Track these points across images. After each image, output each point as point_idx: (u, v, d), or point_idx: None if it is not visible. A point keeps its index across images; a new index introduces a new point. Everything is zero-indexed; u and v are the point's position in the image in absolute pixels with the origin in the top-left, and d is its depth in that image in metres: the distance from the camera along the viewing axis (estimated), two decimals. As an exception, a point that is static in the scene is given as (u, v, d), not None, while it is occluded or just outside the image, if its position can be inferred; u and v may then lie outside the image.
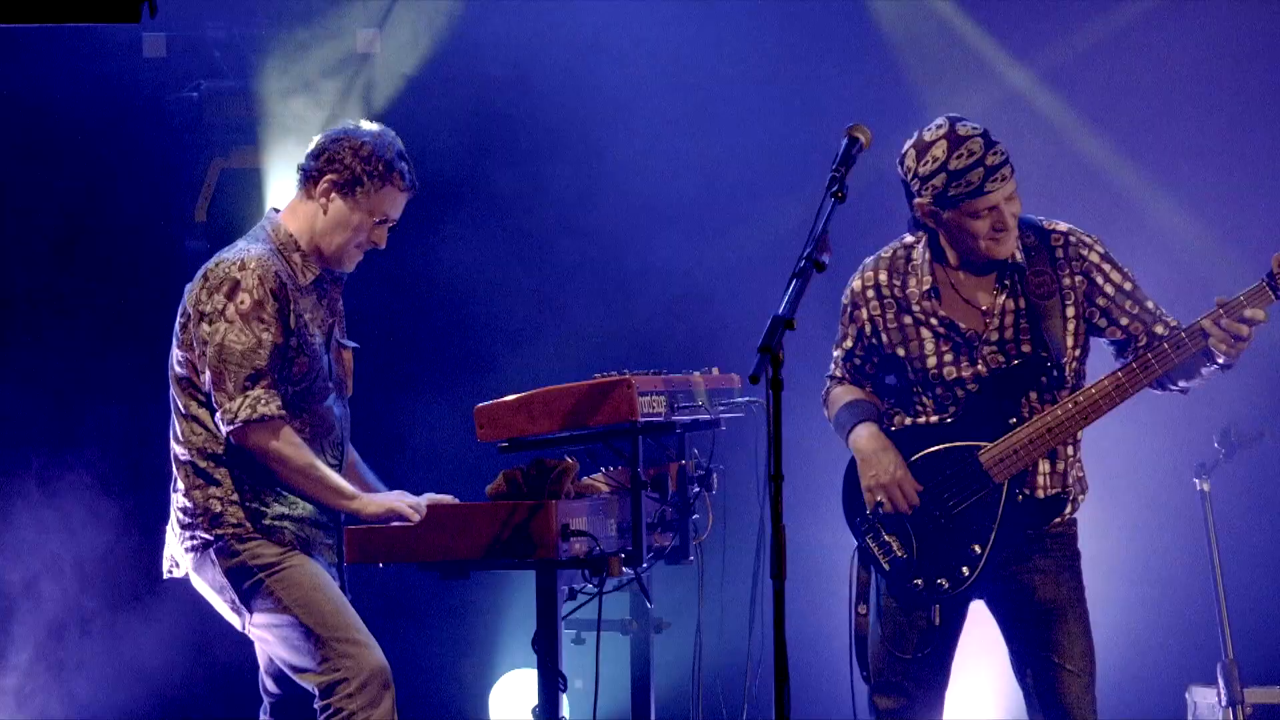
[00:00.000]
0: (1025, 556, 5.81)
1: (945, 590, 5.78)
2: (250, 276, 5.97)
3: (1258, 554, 8.33)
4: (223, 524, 5.99)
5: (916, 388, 5.90)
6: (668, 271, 8.88)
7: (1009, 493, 5.75)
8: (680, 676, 6.77)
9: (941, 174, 5.72)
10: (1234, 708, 7.62)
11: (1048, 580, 5.81)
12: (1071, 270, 5.81)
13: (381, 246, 6.24)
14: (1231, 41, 8.55)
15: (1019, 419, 5.76)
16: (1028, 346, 5.78)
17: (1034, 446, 5.74)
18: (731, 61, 8.85)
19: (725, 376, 6.52)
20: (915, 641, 5.86)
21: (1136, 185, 8.65)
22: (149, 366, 6.19)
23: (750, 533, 6.18)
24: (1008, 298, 5.81)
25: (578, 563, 5.84)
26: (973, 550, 5.76)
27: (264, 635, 6.04)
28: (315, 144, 6.21)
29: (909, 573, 5.81)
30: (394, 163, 6.15)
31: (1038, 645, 5.80)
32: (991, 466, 5.75)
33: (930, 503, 5.80)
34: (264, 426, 5.92)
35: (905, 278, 5.92)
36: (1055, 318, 5.78)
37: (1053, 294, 5.78)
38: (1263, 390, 8.14)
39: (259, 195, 8.54)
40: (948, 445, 5.81)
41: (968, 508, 5.77)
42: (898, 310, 5.91)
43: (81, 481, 8.68)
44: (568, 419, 5.91)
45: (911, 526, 5.81)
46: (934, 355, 5.85)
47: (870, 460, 5.84)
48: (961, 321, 5.83)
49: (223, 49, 8.72)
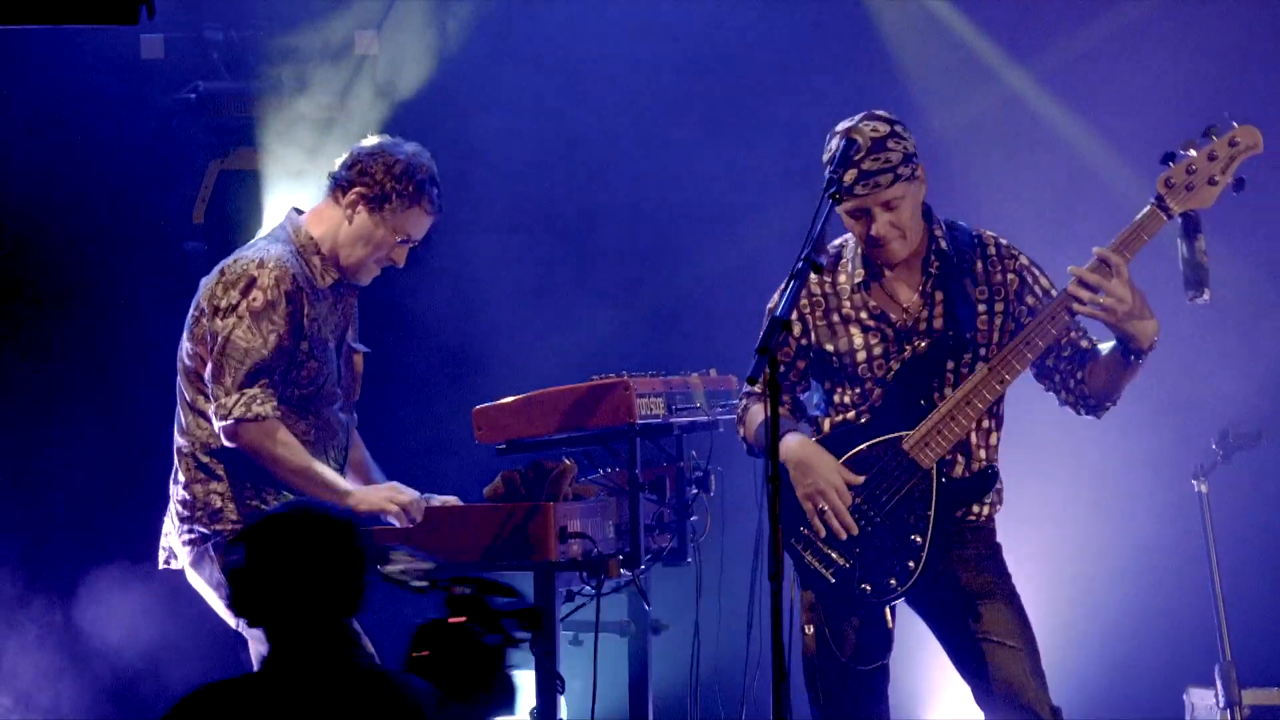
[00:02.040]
0: (944, 550, 5.71)
1: (895, 589, 5.67)
2: (267, 275, 5.98)
3: (1256, 555, 8.32)
4: (222, 519, 6.00)
5: (841, 385, 5.80)
6: (666, 273, 8.88)
7: (938, 476, 5.67)
8: (678, 678, 6.77)
9: (827, 165, 5.61)
10: (1231, 709, 7.61)
11: (969, 568, 5.73)
12: (1004, 268, 5.77)
13: (400, 265, 6.24)
14: (1229, 44, 8.54)
15: (935, 400, 5.68)
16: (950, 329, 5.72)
17: (954, 421, 5.64)
18: (729, 63, 8.84)
19: (723, 378, 6.52)
20: (874, 650, 5.76)
21: (1132, 187, 8.65)
22: (147, 366, 6.19)
23: (748, 534, 6.17)
24: (932, 288, 5.75)
25: (576, 564, 5.85)
26: (914, 541, 5.66)
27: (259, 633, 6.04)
28: (350, 154, 6.22)
29: (855, 579, 5.70)
30: (424, 185, 6.16)
31: (971, 629, 5.69)
32: (916, 452, 5.66)
33: (865, 503, 5.69)
34: (257, 425, 5.92)
35: (835, 274, 5.83)
36: (967, 295, 5.70)
37: (967, 274, 5.73)
38: (1260, 392, 8.14)
39: (257, 197, 8.53)
40: (871, 442, 5.70)
41: (901, 499, 5.67)
42: (826, 309, 5.82)
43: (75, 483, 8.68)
44: (566, 421, 5.92)
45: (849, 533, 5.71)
46: (863, 349, 5.75)
47: (804, 467, 5.69)
48: (891, 313, 5.77)
49: (221, 50, 8.71)
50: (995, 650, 5.67)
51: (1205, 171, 5.57)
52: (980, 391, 5.65)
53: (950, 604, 5.74)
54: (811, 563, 5.77)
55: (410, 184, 6.13)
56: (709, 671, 6.60)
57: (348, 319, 6.26)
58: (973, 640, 5.70)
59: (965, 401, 5.65)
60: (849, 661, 5.74)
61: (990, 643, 5.67)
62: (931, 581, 5.71)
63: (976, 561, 5.75)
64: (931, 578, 5.70)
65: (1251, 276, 8.42)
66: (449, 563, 5.86)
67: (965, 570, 5.74)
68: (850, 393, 5.79)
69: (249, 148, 8.68)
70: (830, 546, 5.74)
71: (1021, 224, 7.23)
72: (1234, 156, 5.59)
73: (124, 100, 8.75)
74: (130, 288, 8.64)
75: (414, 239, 6.21)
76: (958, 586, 5.73)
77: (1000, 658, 5.66)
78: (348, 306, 6.26)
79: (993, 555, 5.80)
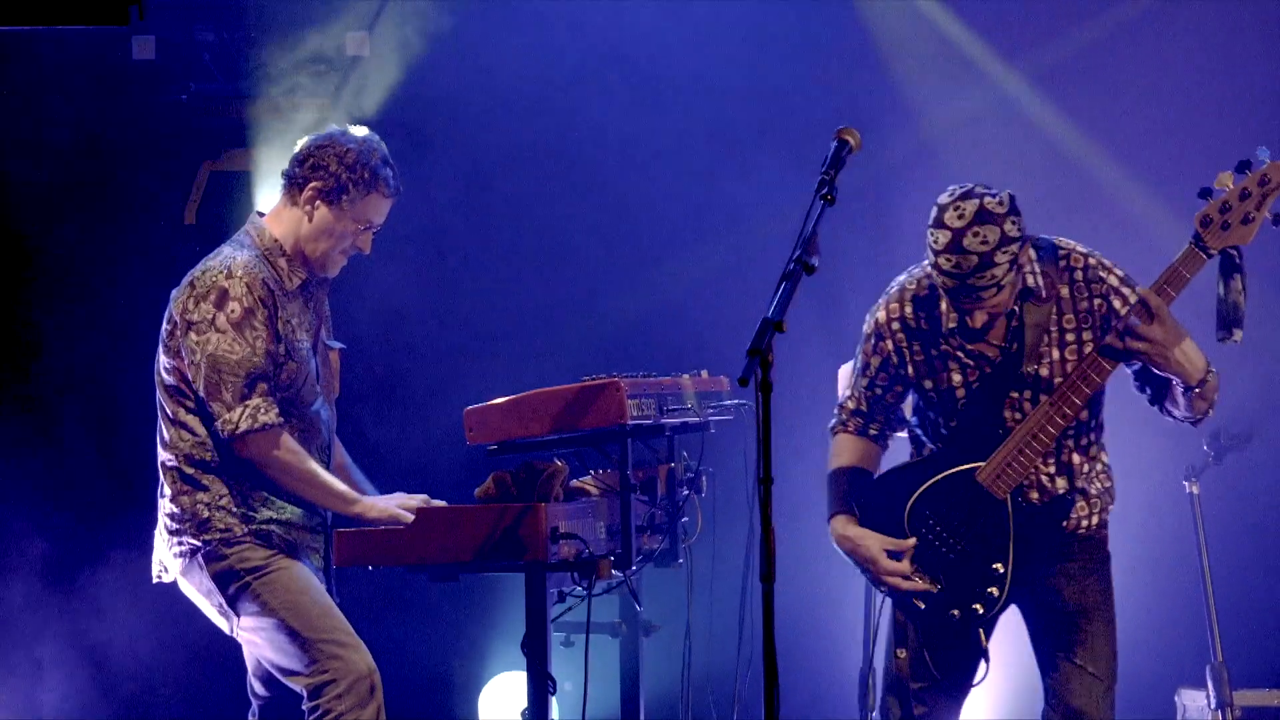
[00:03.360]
0: (1052, 561, 5.78)
1: (981, 615, 5.75)
2: (238, 285, 5.96)
3: (1247, 556, 8.33)
4: (210, 529, 6.00)
5: (940, 417, 5.85)
6: (657, 274, 8.88)
7: (1013, 505, 5.72)
8: (669, 679, 6.77)
9: (935, 265, 5.60)
10: (1223, 710, 7.62)
11: (1073, 584, 5.79)
12: (1091, 293, 5.71)
13: (366, 252, 6.24)
14: (1222, 43, 8.56)
15: (1005, 430, 5.71)
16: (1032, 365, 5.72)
17: (1023, 455, 5.68)
18: (720, 65, 8.85)
19: (714, 379, 6.52)
20: (966, 670, 5.84)
21: (1126, 187, 8.66)
22: (139, 369, 6.18)
23: (739, 535, 6.18)
24: (1018, 323, 5.73)
25: (567, 565, 5.84)
26: (995, 570, 5.73)
27: (252, 638, 6.05)
28: (300, 150, 6.19)
29: (945, 605, 5.77)
30: (379, 169, 6.14)
31: (1062, 648, 5.78)
32: (990, 484, 5.70)
33: (944, 532, 5.76)
34: (264, 435, 5.92)
35: (933, 309, 5.82)
36: (1037, 319, 5.71)
37: (1047, 300, 5.71)
38: (1252, 393, 8.14)
39: (248, 198, 8.53)
40: (944, 474, 5.75)
41: (980, 529, 5.73)
42: (925, 344, 5.83)
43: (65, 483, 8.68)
44: (557, 422, 5.91)
45: (934, 561, 5.77)
46: (962, 386, 5.78)
47: (854, 555, 5.81)
48: (988, 352, 5.76)
49: (212, 52, 8.71)
50: (1076, 673, 5.76)
51: (1239, 209, 5.52)
52: (1045, 426, 5.66)
53: (1050, 619, 5.81)
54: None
55: (365, 170, 6.11)
56: (700, 673, 6.60)
57: (320, 317, 6.25)
58: (1059, 657, 5.79)
59: (1032, 435, 5.66)
60: (939, 681, 5.84)
61: (1076, 666, 5.76)
62: (1036, 592, 5.79)
63: (1081, 576, 5.81)
64: (1036, 589, 5.78)
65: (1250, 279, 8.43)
66: (441, 563, 5.86)
67: (1069, 584, 5.80)
68: (939, 428, 5.85)
69: (240, 149, 8.69)
70: (920, 574, 5.78)
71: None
72: (1266, 194, 5.53)
73: (115, 101, 8.75)
74: (122, 288, 8.63)
75: (375, 224, 6.20)
76: (1058, 602, 5.80)
77: (1078, 682, 5.76)
78: (319, 304, 6.25)
79: (1099, 570, 5.85)
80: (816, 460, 6.25)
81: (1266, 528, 8.49)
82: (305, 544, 6.11)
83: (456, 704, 8.86)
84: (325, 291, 6.29)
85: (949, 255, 5.52)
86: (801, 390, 7.50)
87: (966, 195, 5.56)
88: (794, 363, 7.12)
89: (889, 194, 8.45)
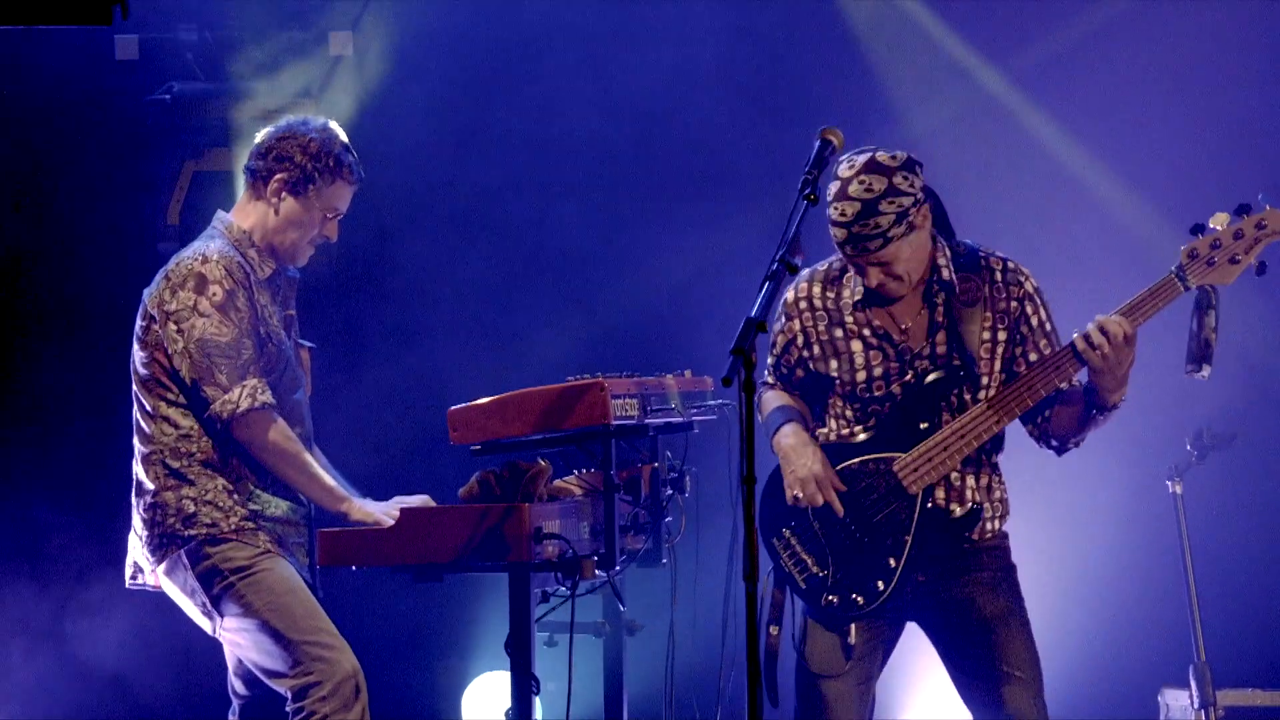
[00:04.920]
0: (960, 571, 5.76)
1: (861, 607, 5.72)
2: (215, 269, 5.96)
3: (1230, 556, 8.34)
4: (196, 524, 5.98)
5: (840, 401, 5.86)
6: (641, 274, 8.88)
7: (922, 504, 5.70)
8: (653, 679, 6.76)
9: (828, 220, 5.67)
10: (1206, 710, 7.63)
11: (985, 591, 5.76)
12: (1009, 295, 5.77)
13: (333, 240, 6.26)
14: (1205, 43, 8.57)
15: (933, 426, 5.72)
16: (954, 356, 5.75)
17: (947, 453, 5.68)
18: (705, 63, 8.85)
19: (698, 379, 6.52)
20: (833, 661, 5.79)
21: (1108, 188, 8.67)
22: (121, 369, 6.17)
23: (723, 535, 6.17)
24: (938, 314, 5.76)
25: (551, 565, 5.83)
26: (888, 563, 5.70)
27: (235, 639, 6.03)
28: (261, 142, 6.19)
29: (821, 590, 5.75)
30: (342, 157, 6.15)
31: (984, 656, 5.73)
32: (905, 475, 5.70)
33: (847, 516, 5.73)
34: (263, 415, 5.91)
35: (839, 289, 5.88)
36: (973, 325, 5.73)
37: (975, 303, 5.74)
38: (1235, 392, 8.16)
39: (232, 197, 8.49)
40: (864, 457, 5.76)
41: (882, 520, 5.71)
42: (829, 323, 5.86)
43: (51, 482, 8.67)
44: (541, 422, 5.90)
45: (827, 542, 5.75)
46: (864, 369, 5.80)
47: (792, 456, 5.77)
48: (892, 332, 5.80)
49: (195, 51, 8.70)
50: (1010, 681, 5.71)
51: (1229, 249, 5.55)
52: (976, 428, 5.68)
53: (965, 629, 5.77)
54: (787, 564, 5.82)
55: (329, 159, 6.12)
56: (684, 672, 6.59)
57: (289, 305, 6.25)
58: (987, 668, 5.74)
59: (959, 435, 5.68)
60: (810, 665, 5.80)
61: (1003, 672, 5.71)
62: (944, 605, 5.77)
63: (993, 585, 5.78)
64: (944, 601, 5.76)
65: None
66: (425, 563, 5.86)
67: (982, 594, 5.77)
68: (849, 409, 5.84)
69: (224, 148, 8.68)
70: (808, 552, 5.78)
71: (998, 225, 7.25)
72: (1259, 239, 5.56)
73: (98, 101, 8.74)
74: (104, 289, 8.62)
75: (341, 211, 6.21)
76: (972, 610, 5.76)
77: (1009, 689, 5.71)
78: (287, 300, 6.24)
79: (1007, 578, 5.82)
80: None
81: (1249, 527, 8.50)
82: (291, 540, 6.11)
83: (440, 704, 8.86)
84: (293, 291, 6.28)
85: (836, 204, 5.60)
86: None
87: (861, 151, 5.66)
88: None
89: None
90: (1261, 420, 8.37)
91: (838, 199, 5.60)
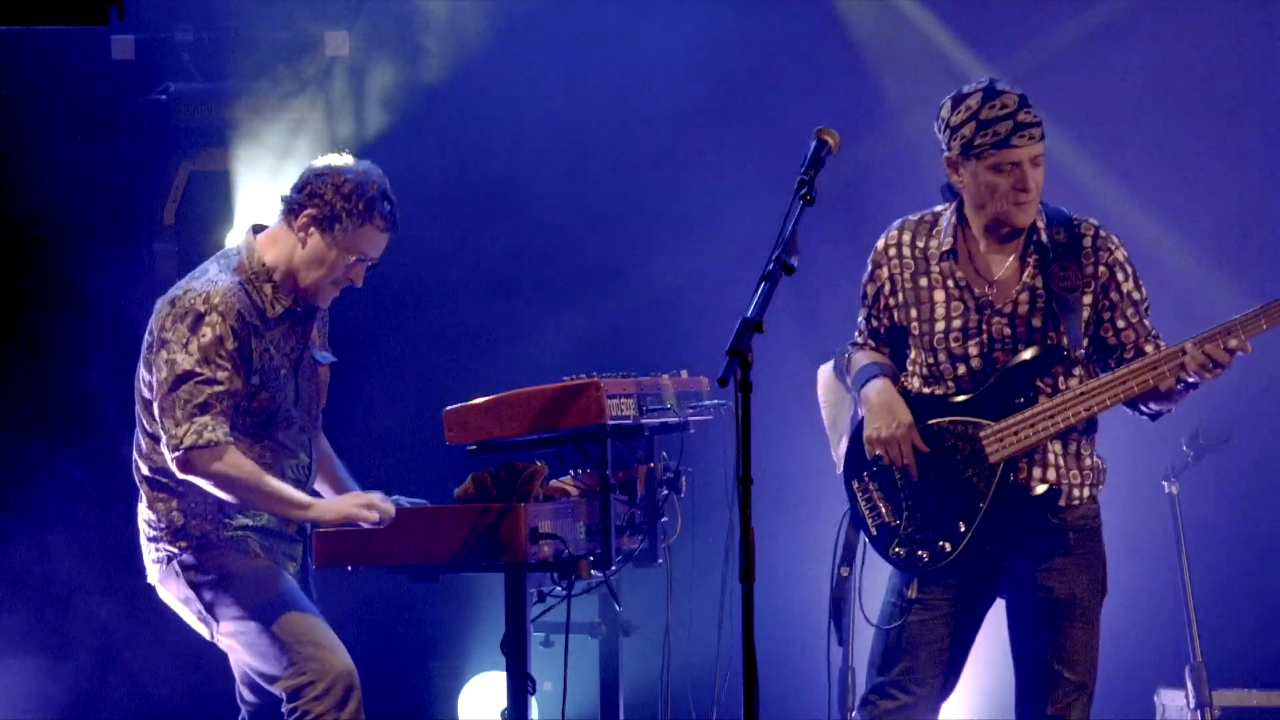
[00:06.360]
0: (1047, 555, 5.75)
1: (925, 563, 5.72)
2: (214, 312, 5.92)
3: (1226, 556, 8.35)
4: (186, 536, 5.99)
5: (920, 353, 5.84)
6: (637, 274, 8.89)
7: (1002, 475, 5.71)
8: (649, 679, 6.77)
9: (971, 122, 5.68)
10: (1202, 710, 7.64)
11: (1064, 580, 5.75)
12: (1097, 260, 5.76)
13: (358, 284, 6.20)
14: (1205, 43, 8.57)
15: (1027, 402, 5.70)
16: (1038, 324, 5.72)
17: (1034, 430, 5.67)
18: (700, 66, 8.85)
19: (694, 379, 6.52)
20: (888, 613, 5.80)
21: (1106, 189, 8.67)
22: (116, 369, 6.17)
23: (719, 535, 6.18)
24: (1028, 274, 5.76)
25: (546, 565, 5.84)
26: (958, 527, 5.70)
27: (232, 644, 6.04)
28: (301, 176, 6.15)
29: (891, 539, 5.76)
30: (375, 202, 6.09)
31: (1042, 648, 5.74)
32: (990, 443, 5.70)
33: (926, 473, 5.74)
34: (209, 451, 5.85)
35: (928, 239, 5.87)
36: (1077, 311, 5.73)
37: (1077, 288, 5.74)
38: (1230, 393, 8.13)
39: (227, 198, 8.52)
40: (954, 419, 5.76)
41: (961, 483, 5.71)
42: (915, 270, 5.85)
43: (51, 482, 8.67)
44: (536, 422, 5.91)
45: (905, 494, 5.76)
46: (943, 319, 5.78)
47: (877, 412, 5.77)
48: (975, 286, 5.80)
49: (191, 51, 8.69)
50: (1059, 680, 5.71)
51: None
52: (1065, 412, 5.69)
53: (1033, 615, 5.77)
54: (863, 508, 5.83)
55: (360, 202, 6.06)
56: (680, 673, 6.60)
57: (307, 339, 6.21)
58: (1041, 662, 5.74)
59: (1049, 415, 5.69)
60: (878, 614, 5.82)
61: (1054, 670, 5.72)
62: (1027, 588, 5.76)
63: (1074, 573, 5.77)
64: (1028, 584, 5.75)
65: (1220, 278, 8.45)
66: (420, 563, 5.86)
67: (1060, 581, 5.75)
68: (926, 362, 5.83)
69: (220, 149, 8.67)
70: (885, 500, 5.79)
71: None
72: None
73: (94, 101, 8.73)
74: (100, 289, 8.61)
75: (370, 257, 6.14)
76: (1045, 599, 5.74)
77: (1061, 691, 5.71)
78: (307, 328, 6.20)
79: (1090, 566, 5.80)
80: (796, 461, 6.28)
81: (1245, 528, 8.50)
82: (281, 551, 6.10)
83: (436, 704, 8.85)
84: (313, 318, 6.24)
85: (991, 101, 5.70)
86: (780, 390, 7.49)
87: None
88: (773, 363, 7.10)
89: (868, 195, 8.45)
90: (1256, 421, 8.36)
91: (990, 97, 5.70)
